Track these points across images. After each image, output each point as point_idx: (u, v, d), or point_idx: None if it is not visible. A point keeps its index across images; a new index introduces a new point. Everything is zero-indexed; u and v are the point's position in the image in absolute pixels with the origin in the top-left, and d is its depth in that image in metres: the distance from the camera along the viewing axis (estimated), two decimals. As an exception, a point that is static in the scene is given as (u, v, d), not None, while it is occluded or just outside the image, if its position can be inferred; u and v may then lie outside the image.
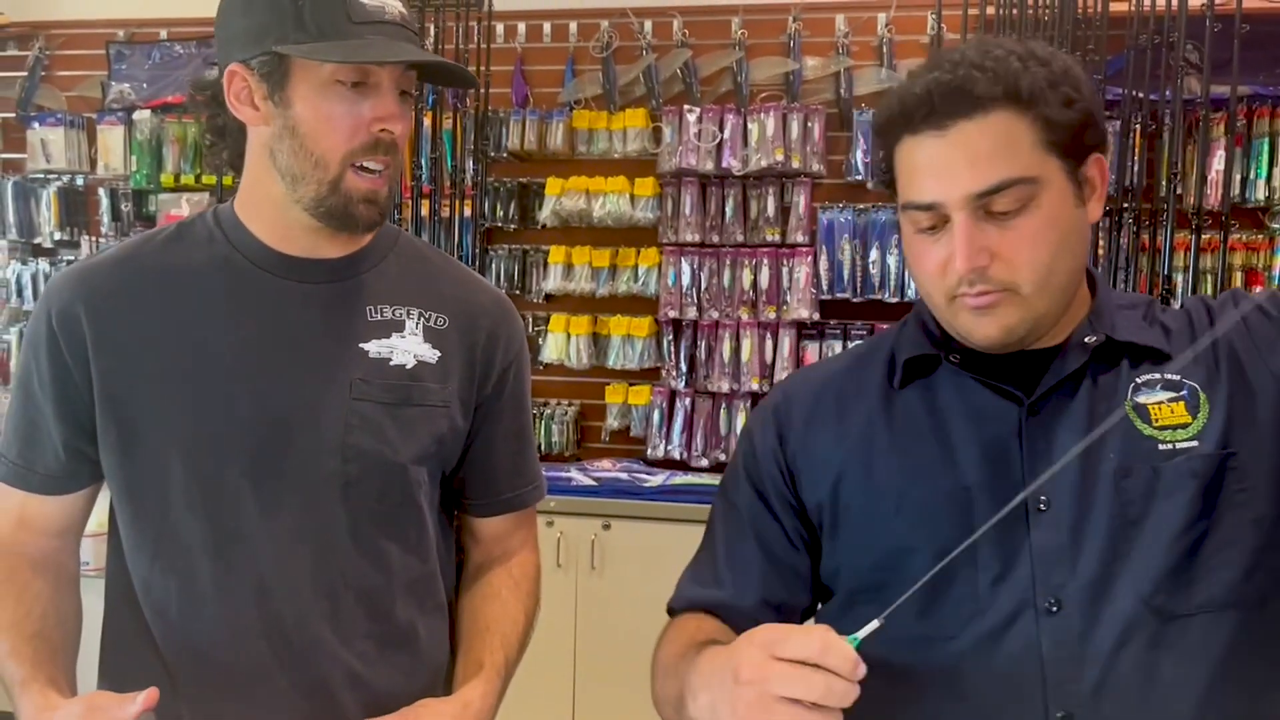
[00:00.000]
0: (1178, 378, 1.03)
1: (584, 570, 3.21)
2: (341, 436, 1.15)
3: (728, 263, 3.57)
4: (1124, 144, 2.93)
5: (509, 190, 3.72)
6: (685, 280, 3.58)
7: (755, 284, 3.56)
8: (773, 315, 3.54)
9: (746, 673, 0.86)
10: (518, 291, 3.75)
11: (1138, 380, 1.04)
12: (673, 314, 3.59)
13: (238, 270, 1.18)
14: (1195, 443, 1.00)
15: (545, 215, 3.66)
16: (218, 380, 1.15)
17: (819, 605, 1.16)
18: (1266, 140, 3.28)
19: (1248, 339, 1.05)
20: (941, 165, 0.98)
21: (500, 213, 3.71)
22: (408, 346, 1.19)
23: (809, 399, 1.15)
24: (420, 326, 1.21)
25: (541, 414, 3.74)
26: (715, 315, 3.58)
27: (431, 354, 1.21)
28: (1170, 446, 1.01)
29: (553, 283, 3.68)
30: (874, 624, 0.87)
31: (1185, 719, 0.96)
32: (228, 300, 1.17)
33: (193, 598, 1.15)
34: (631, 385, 3.69)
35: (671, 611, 1.16)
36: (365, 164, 1.12)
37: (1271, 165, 3.28)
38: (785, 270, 3.54)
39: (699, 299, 3.58)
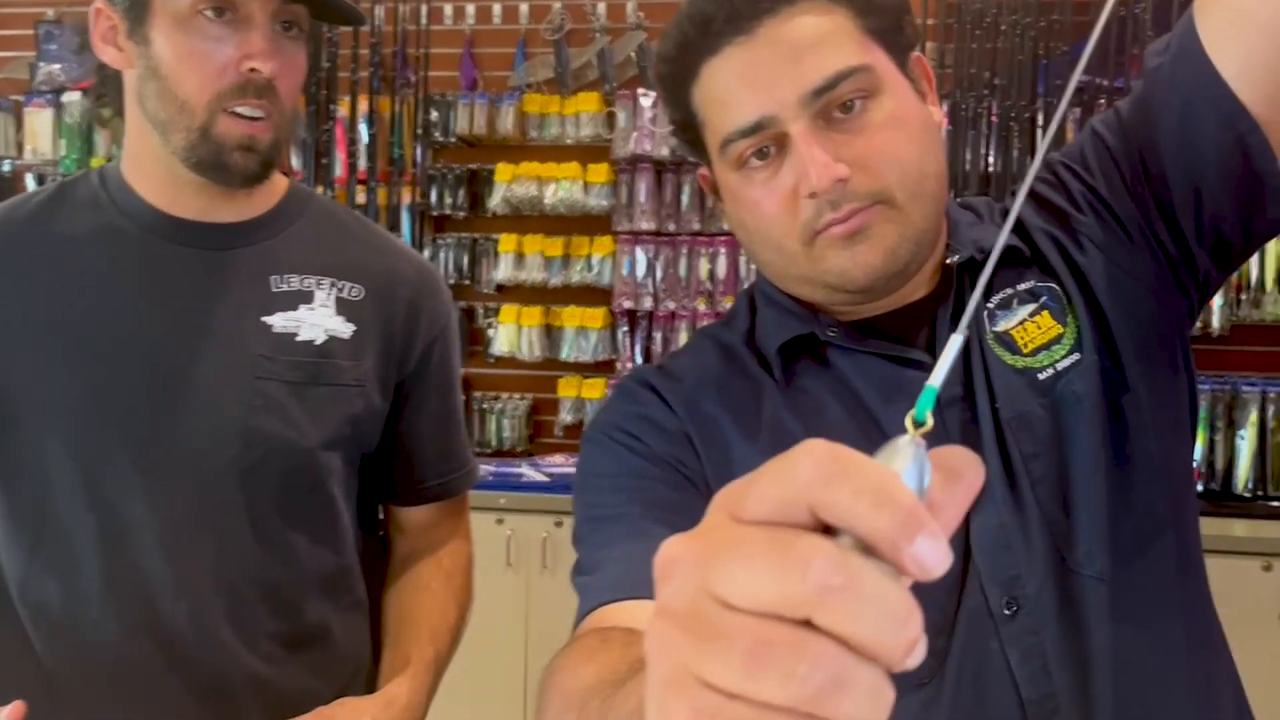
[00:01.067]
0: (1031, 283, 0.89)
1: (535, 570, 3.10)
2: (242, 419, 1.06)
3: (684, 252, 3.47)
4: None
5: (457, 176, 3.60)
6: (640, 270, 3.48)
7: (712, 274, 3.46)
8: (729, 305, 3.44)
9: (673, 595, 0.36)
10: (467, 281, 3.63)
11: (990, 306, 0.88)
12: (628, 304, 3.48)
13: (124, 236, 1.07)
14: (1077, 354, 0.87)
15: (495, 203, 3.54)
16: (102, 358, 1.04)
17: None
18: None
19: (1081, 176, 0.90)
20: (759, 71, 0.82)
21: (448, 200, 3.59)
22: (317, 320, 1.09)
23: (697, 397, 0.92)
24: (332, 298, 1.11)
25: (492, 409, 3.62)
26: (672, 306, 3.48)
27: (345, 328, 1.11)
28: (1051, 371, 0.86)
29: (503, 272, 3.56)
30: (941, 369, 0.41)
31: (1185, 672, 0.86)
32: (113, 269, 1.06)
33: (76, 595, 1.04)
34: (585, 378, 3.58)
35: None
36: (237, 108, 1.01)
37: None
38: (743, 260, 3.45)
39: (655, 289, 3.48)
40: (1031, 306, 0.88)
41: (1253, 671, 3.19)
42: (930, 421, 0.37)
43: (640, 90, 3.45)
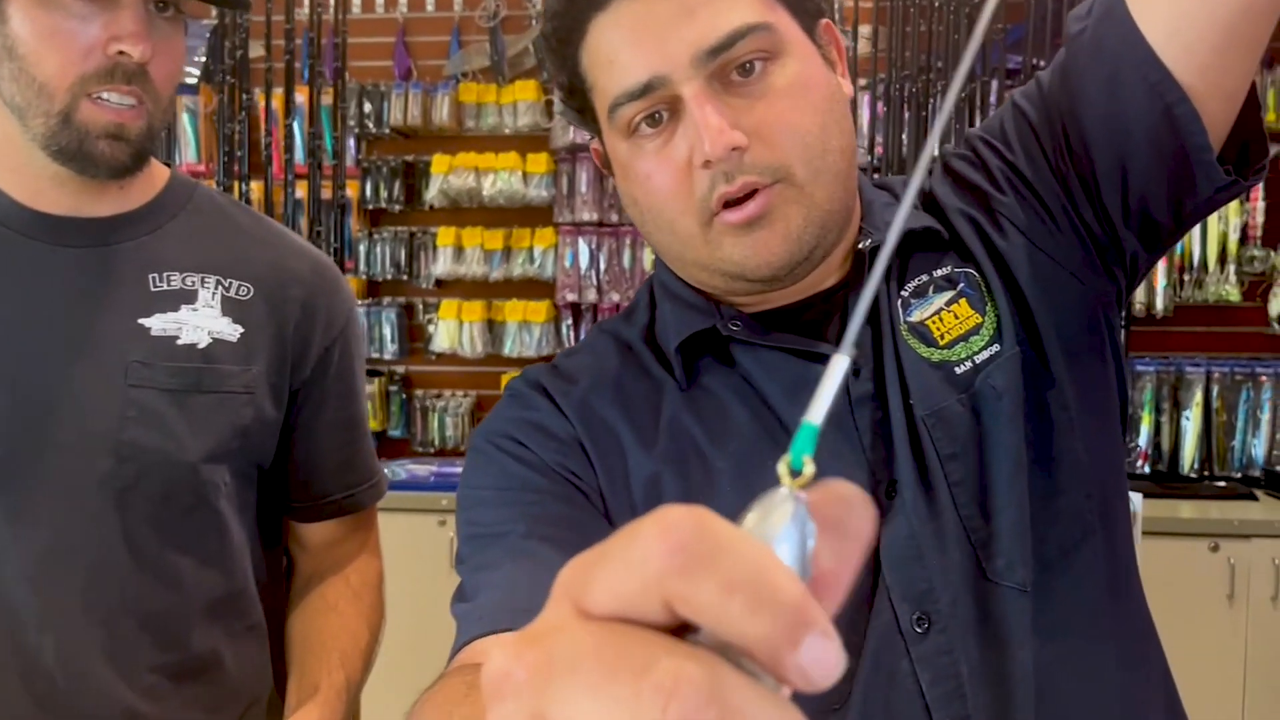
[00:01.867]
0: (948, 269, 0.82)
1: (482, 572, 3.02)
2: (114, 432, 0.97)
3: (628, 242, 3.40)
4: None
5: (392, 169, 3.49)
6: (583, 262, 3.40)
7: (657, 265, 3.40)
8: (676, 296, 3.39)
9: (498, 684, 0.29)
10: (405, 277, 3.53)
11: (904, 294, 0.82)
12: (571, 297, 3.41)
13: None
14: (997, 345, 0.80)
15: (432, 195, 3.45)
16: None
17: None
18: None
19: (1000, 153, 0.83)
20: (650, 27, 0.75)
21: (384, 193, 3.49)
22: (200, 322, 1.01)
23: (591, 399, 0.85)
24: (218, 297, 1.02)
25: (434, 407, 3.53)
26: (616, 298, 3.41)
27: (231, 330, 1.02)
28: (969, 364, 0.80)
29: (442, 266, 3.47)
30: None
31: (1122, 669, 0.81)
32: None
33: None
34: (529, 374, 3.50)
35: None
36: (103, 94, 0.92)
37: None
38: (688, 249, 3.39)
39: (599, 281, 3.41)
40: (948, 294, 0.81)
41: (1201, 651, 3.21)
42: (811, 469, 0.29)
43: (579, 78, 3.38)
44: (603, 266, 3.40)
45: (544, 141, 3.43)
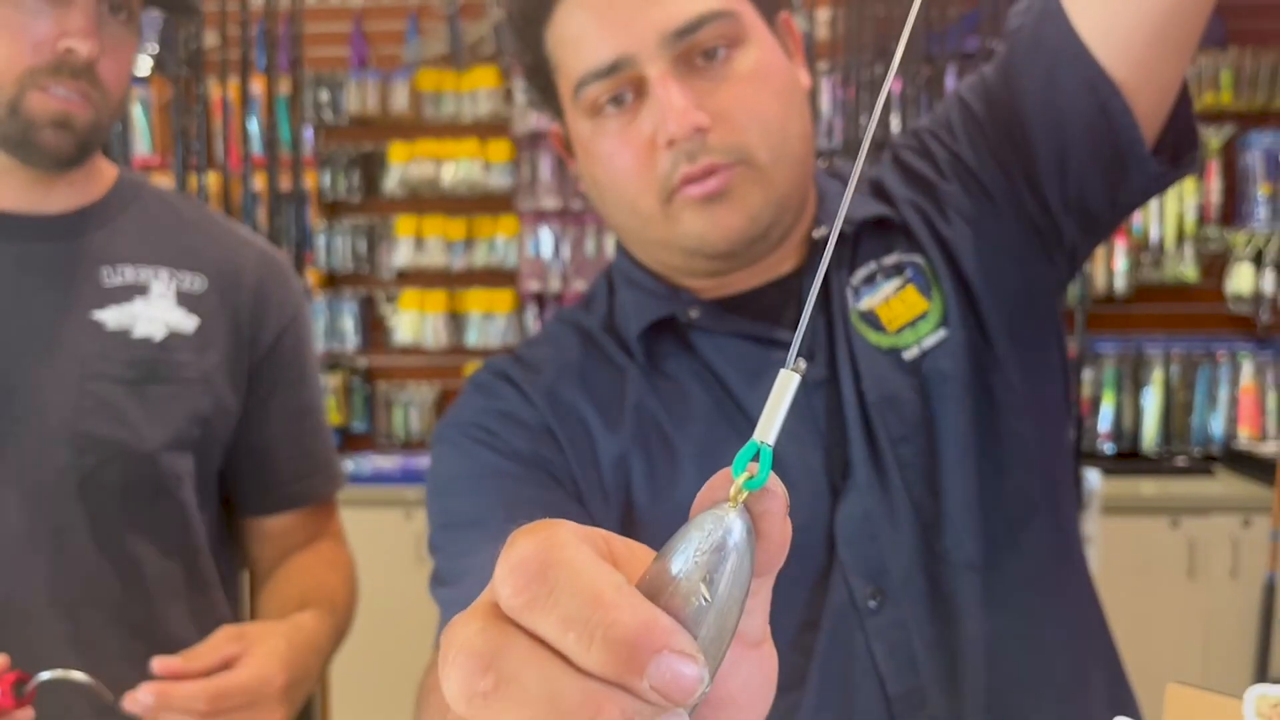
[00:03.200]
0: (897, 257, 0.84)
1: (450, 564, 3.00)
2: (71, 423, 0.96)
3: (591, 230, 3.39)
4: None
5: (350, 159, 3.45)
6: (547, 250, 3.38)
7: (620, 251, 3.39)
8: (640, 284, 3.38)
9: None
10: (366, 269, 3.49)
11: (853, 282, 0.84)
12: (535, 287, 3.39)
13: None
14: (943, 331, 0.82)
15: (391, 185, 3.41)
16: None
17: None
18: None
19: (946, 144, 0.86)
20: (617, 8, 0.77)
21: (342, 183, 3.45)
22: (155, 313, 1.01)
23: (557, 385, 0.86)
24: (172, 289, 1.03)
25: (398, 399, 3.50)
26: (580, 286, 3.39)
27: (187, 321, 1.03)
28: (916, 349, 0.82)
29: (403, 257, 3.43)
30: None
31: (1070, 652, 0.84)
32: None
33: None
34: (493, 364, 3.49)
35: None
36: (49, 88, 0.93)
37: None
38: (651, 236, 3.38)
39: (563, 269, 3.39)
40: (896, 281, 0.84)
41: (1163, 626, 3.24)
42: (770, 484, 0.31)
43: (538, 65, 3.36)
44: (566, 255, 3.39)
45: (504, 128, 3.40)
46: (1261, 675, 2.70)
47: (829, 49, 3.04)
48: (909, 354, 0.82)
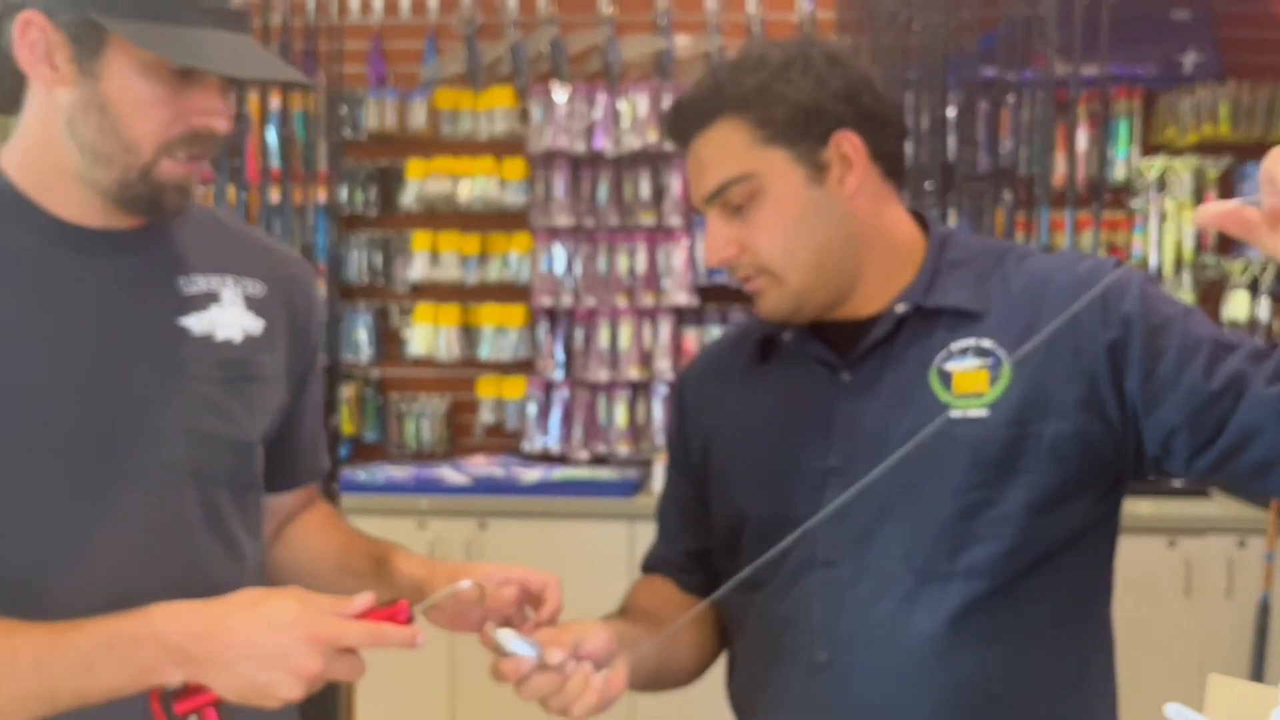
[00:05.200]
0: (990, 344, 1.06)
1: (461, 573, 3.05)
2: (182, 420, 1.05)
3: (603, 248, 3.45)
4: (993, 122, 2.95)
5: (368, 174, 3.52)
6: (559, 266, 3.45)
7: (632, 269, 3.45)
8: (651, 302, 3.44)
9: None
10: (382, 282, 3.55)
11: (952, 347, 1.08)
12: (547, 302, 3.45)
13: (28, 251, 1.03)
14: (985, 412, 1.05)
15: (408, 200, 3.48)
16: (26, 374, 1.00)
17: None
18: (1124, 120, 3.37)
19: (1126, 352, 1.05)
20: (690, 175, 1.12)
21: (360, 198, 3.51)
22: (230, 318, 1.09)
23: (697, 374, 1.28)
24: (239, 295, 1.11)
25: (410, 411, 3.56)
26: (592, 302, 3.46)
27: (256, 324, 1.11)
28: (961, 414, 1.05)
29: (418, 271, 3.50)
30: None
31: (924, 670, 1.04)
32: (24, 285, 1.02)
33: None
34: (505, 378, 3.54)
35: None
36: (179, 157, 1.01)
37: (1129, 145, 3.37)
38: (662, 255, 3.45)
39: (575, 286, 3.46)
40: (979, 361, 1.06)
41: (1160, 642, 3.30)
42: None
43: (553, 84, 3.42)
44: (579, 271, 3.45)
45: (519, 147, 3.47)
46: (1255, 692, 2.77)
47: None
48: (955, 414, 1.04)
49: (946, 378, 1.07)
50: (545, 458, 3.44)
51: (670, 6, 3.47)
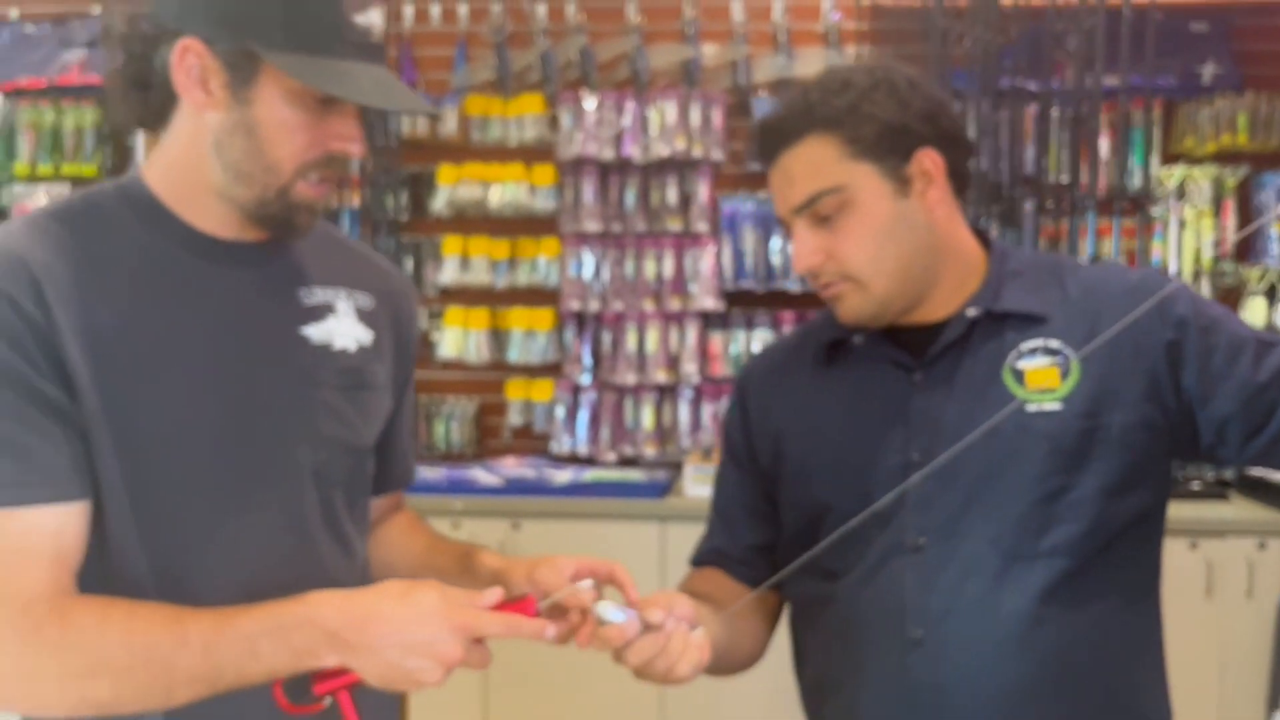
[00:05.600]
0: (1058, 344, 1.16)
1: (494, 572, 3.09)
2: (307, 423, 1.10)
3: (631, 253, 3.51)
4: (1013, 132, 3.01)
5: (400, 180, 3.57)
6: (588, 271, 3.50)
7: (659, 274, 3.50)
8: (678, 306, 3.49)
9: None
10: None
11: (1022, 347, 1.17)
12: (575, 306, 3.50)
13: (168, 258, 1.08)
14: (1059, 405, 1.15)
15: (439, 205, 3.53)
16: (172, 376, 1.05)
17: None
18: (1142, 130, 3.42)
19: (1182, 350, 1.15)
20: (776, 188, 1.19)
21: (391, 203, 3.56)
22: (345, 329, 1.15)
23: (761, 374, 1.34)
24: (351, 307, 1.17)
25: (439, 412, 3.61)
26: (620, 307, 3.51)
27: (367, 335, 1.17)
28: (1037, 408, 1.15)
29: (448, 275, 3.55)
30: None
31: (1015, 643, 1.12)
32: (164, 286, 1.07)
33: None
34: (533, 380, 3.59)
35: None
36: (312, 179, 1.08)
37: (1147, 154, 3.42)
38: (689, 260, 3.50)
39: (603, 290, 3.51)
40: (1049, 360, 1.16)
41: (1182, 645, 3.36)
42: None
43: (583, 92, 3.48)
44: (607, 276, 3.51)
45: (548, 153, 3.52)
46: (1276, 690, 2.82)
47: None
48: (1031, 408, 1.15)
49: (1019, 375, 1.16)
50: (573, 459, 3.50)
51: (697, 16, 3.52)
